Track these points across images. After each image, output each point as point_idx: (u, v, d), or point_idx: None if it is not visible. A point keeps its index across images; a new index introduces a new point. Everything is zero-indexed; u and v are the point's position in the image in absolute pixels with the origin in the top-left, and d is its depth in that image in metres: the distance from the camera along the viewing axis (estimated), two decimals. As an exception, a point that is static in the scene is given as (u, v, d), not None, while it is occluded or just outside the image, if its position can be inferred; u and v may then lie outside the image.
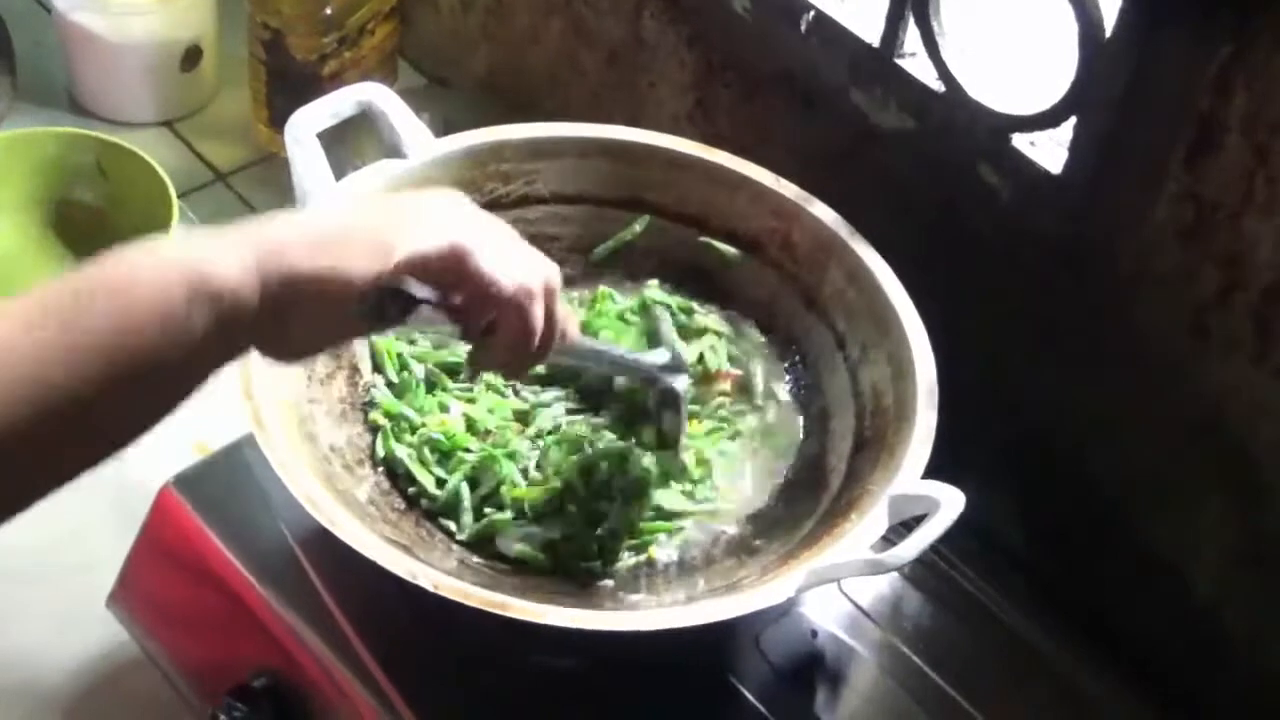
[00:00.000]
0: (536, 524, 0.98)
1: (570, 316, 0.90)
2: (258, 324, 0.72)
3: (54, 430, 0.66)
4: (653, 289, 1.11)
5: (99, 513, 1.20)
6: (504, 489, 0.99)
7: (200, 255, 0.70)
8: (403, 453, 1.01)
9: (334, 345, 0.82)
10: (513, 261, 0.81)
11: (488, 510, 0.99)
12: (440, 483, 1.00)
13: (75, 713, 1.11)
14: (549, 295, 0.84)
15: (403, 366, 1.06)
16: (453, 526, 0.99)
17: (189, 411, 1.29)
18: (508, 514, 0.98)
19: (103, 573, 1.08)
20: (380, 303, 0.76)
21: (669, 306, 1.10)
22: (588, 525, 0.98)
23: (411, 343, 1.07)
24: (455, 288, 0.80)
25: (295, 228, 0.75)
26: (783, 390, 1.08)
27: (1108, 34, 0.93)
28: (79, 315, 0.68)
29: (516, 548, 0.97)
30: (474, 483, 1.00)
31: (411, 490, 1.00)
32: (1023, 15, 1.08)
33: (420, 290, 0.78)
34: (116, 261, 0.70)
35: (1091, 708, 1.03)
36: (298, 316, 0.73)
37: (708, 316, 1.10)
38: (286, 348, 0.77)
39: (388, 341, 1.06)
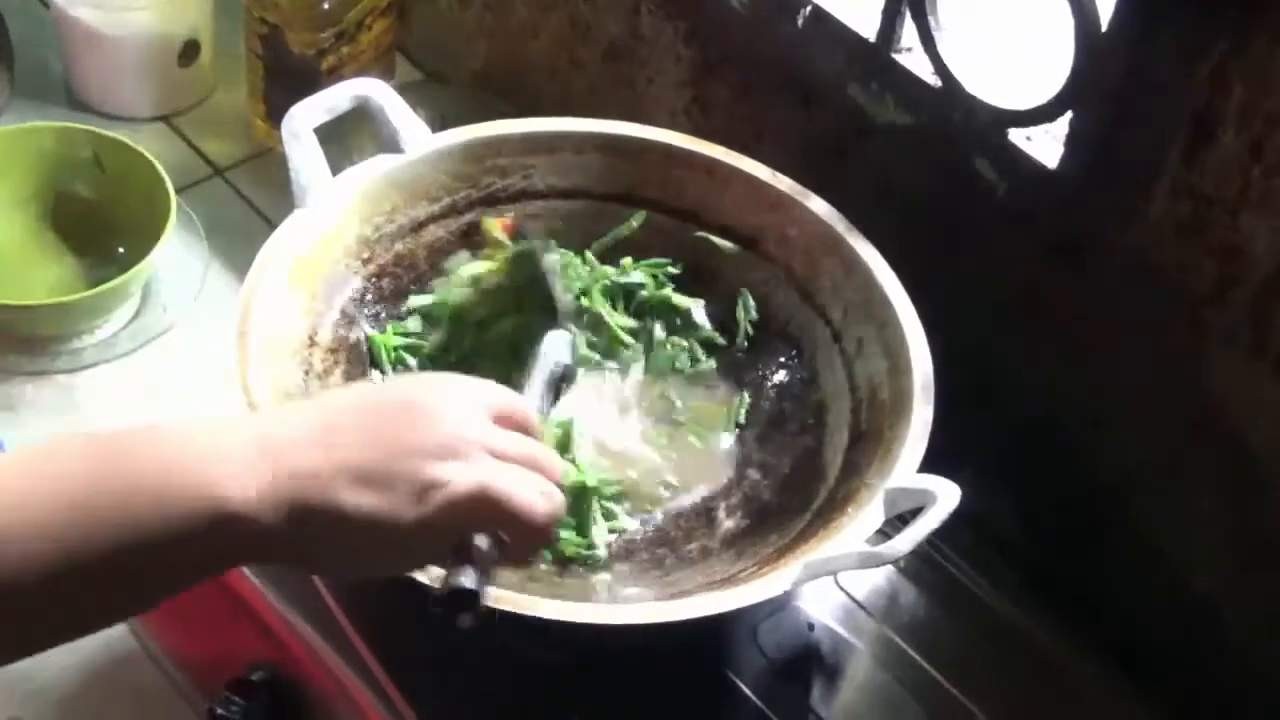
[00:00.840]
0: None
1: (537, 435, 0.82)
2: (281, 548, 0.71)
3: (64, 590, 0.67)
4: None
5: (96, 507, 1.20)
6: None
7: (223, 478, 0.69)
8: None
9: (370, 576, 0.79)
10: (533, 479, 0.76)
11: None
12: None
13: (73, 706, 1.11)
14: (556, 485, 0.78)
15: (399, 361, 1.06)
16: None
17: (187, 405, 1.29)
18: None
19: (100, 567, 1.08)
20: (450, 601, 0.73)
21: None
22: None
23: (406, 336, 1.07)
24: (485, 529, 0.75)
25: (331, 452, 0.71)
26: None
27: (1104, 28, 0.93)
28: (98, 505, 0.67)
29: None
30: None
31: None
32: (1019, 10, 1.08)
33: (479, 580, 0.73)
34: (140, 458, 0.69)
35: (1087, 700, 1.03)
36: (328, 547, 0.72)
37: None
38: (313, 569, 0.77)
39: (384, 336, 1.06)
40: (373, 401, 0.76)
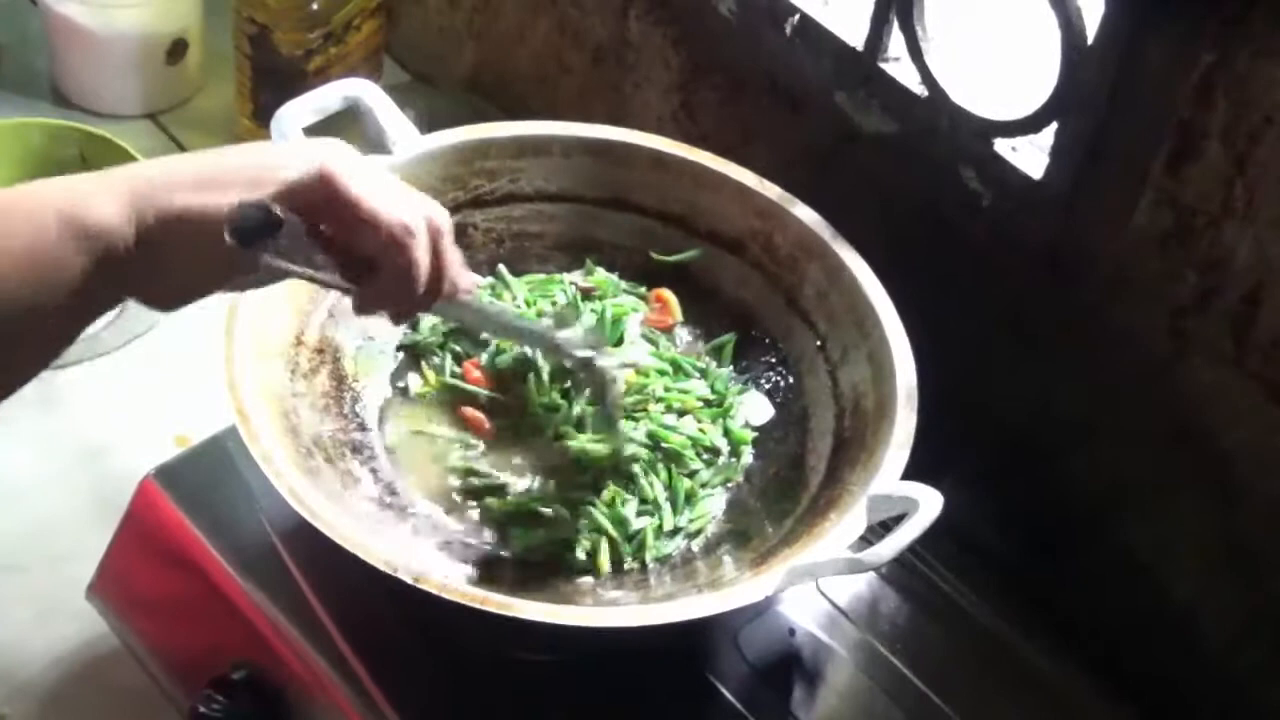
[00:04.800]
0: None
1: (464, 271, 0.83)
2: (134, 263, 0.71)
3: None
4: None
5: (79, 504, 1.20)
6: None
7: (75, 194, 0.70)
8: None
9: (213, 289, 0.77)
10: (393, 195, 0.76)
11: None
12: None
13: (54, 704, 1.11)
14: (435, 235, 0.79)
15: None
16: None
17: (171, 403, 1.29)
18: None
19: (82, 564, 1.08)
20: (244, 225, 0.72)
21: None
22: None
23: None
24: (327, 216, 0.75)
25: (174, 166, 0.74)
26: None
27: (1090, 40, 0.93)
28: None
29: (515, 542, 0.98)
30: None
31: None
32: (1006, 21, 1.08)
33: (283, 212, 0.73)
34: (23, 198, 0.70)
35: (1067, 708, 1.03)
36: (175, 254, 0.72)
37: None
38: (165, 291, 0.76)
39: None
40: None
